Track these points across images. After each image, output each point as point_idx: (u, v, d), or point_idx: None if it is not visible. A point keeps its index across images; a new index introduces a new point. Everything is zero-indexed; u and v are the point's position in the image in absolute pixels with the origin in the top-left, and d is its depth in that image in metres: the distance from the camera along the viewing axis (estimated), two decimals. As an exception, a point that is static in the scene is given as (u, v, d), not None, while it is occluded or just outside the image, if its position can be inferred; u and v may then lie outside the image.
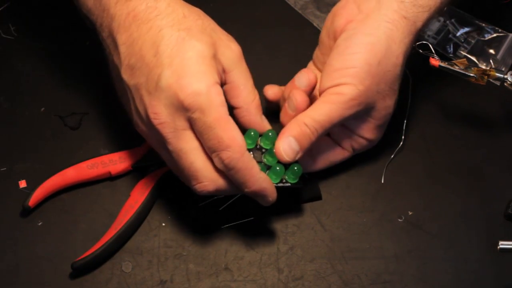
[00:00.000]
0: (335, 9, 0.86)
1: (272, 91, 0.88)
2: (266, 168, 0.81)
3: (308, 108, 0.81)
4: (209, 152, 0.76)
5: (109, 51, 0.80)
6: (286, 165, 0.81)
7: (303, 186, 0.83)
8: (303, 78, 0.84)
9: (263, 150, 0.82)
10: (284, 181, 0.82)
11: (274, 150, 0.80)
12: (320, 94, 0.82)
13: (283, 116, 0.84)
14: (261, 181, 0.78)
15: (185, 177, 0.78)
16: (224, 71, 0.80)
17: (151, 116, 0.76)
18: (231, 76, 0.80)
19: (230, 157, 0.76)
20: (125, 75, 0.78)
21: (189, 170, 0.77)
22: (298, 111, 0.81)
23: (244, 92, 0.81)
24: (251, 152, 0.82)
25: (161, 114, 0.75)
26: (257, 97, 0.82)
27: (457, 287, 0.82)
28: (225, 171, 0.77)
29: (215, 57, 0.78)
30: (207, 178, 0.77)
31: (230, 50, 0.80)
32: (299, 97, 0.82)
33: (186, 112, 0.75)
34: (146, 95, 0.76)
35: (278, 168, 0.80)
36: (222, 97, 0.76)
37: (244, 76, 0.81)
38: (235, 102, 0.81)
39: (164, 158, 0.80)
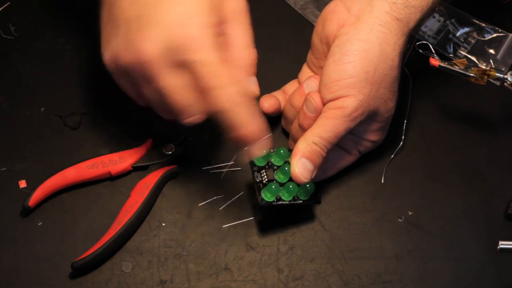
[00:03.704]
0: (324, 13, 0.85)
1: (268, 103, 0.88)
2: (280, 185, 0.81)
3: (314, 125, 0.81)
4: (215, 89, 0.75)
5: None
6: None
7: (314, 202, 0.83)
8: (312, 83, 0.84)
9: (275, 168, 0.83)
10: (296, 198, 0.82)
11: (291, 175, 0.80)
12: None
13: (303, 120, 0.83)
14: (259, 121, 0.77)
15: (172, 112, 0.78)
16: (224, 21, 0.78)
17: (142, 51, 0.75)
18: (228, 27, 0.79)
19: (238, 91, 0.76)
20: (126, 3, 0.77)
21: (177, 106, 0.77)
22: (318, 111, 0.81)
23: (237, 46, 0.79)
24: (263, 170, 0.82)
25: (152, 51, 0.75)
26: (252, 56, 0.80)
27: (457, 287, 0.82)
28: (229, 109, 0.76)
29: (218, 4, 0.77)
30: (195, 112, 0.77)
31: (234, 1, 0.79)
32: (317, 98, 0.82)
33: (182, 53, 0.75)
34: (136, 30, 0.75)
35: (291, 186, 0.81)
36: (216, 40, 0.76)
37: (241, 31, 0.79)
38: (225, 55, 0.78)
39: (145, 93, 0.78)
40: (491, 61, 0.94)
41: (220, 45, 0.77)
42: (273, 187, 0.80)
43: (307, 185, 0.82)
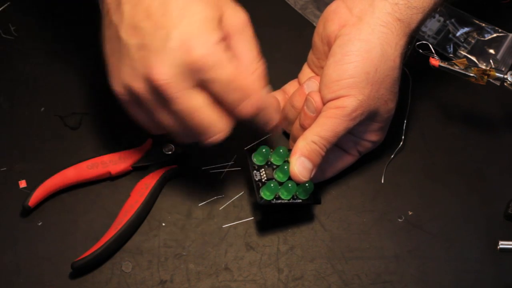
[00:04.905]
0: (325, 13, 0.85)
1: None
2: (279, 184, 0.81)
3: (313, 124, 0.81)
4: (235, 103, 0.77)
5: (107, 11, 0.79)
6: None
7: (314, 202, 0.83)
8: (313, 84, 0.84)
9: (274, 167, 0.83)
10: (295, 197, 0.82)
11: (290, 174, 0.81)
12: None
13: (304, 120, 0.83)
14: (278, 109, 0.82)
15: (195, 133, 0.78)
16: (228, 36, 0.79)
17: (156, 76, 0.75)
18: (233, 42, 0.79)
19: (259, 98, 0.78)
20: (126, 34, 0.77)
21: (201, 126, 0.77)
22: (318, 111, 0.82)
23: (244, 61, 0.79)
24: (262, 169, 0.82)
25: (166, 74, 0.75)
26: (260, 68, 0.81)
27: (457, 287, 0.82)
28: (253, 115, 0.78)
29: (220, 20, 0.78)
30: (220, 129, 0.78)
31: (236, 16, 0.79)
32: (317, 98, 0.82)
33: (197, 73, 0.75)
34: (150, 55, 0.75)
35: (290, 185, 0.81)
36: (230, 53, 0.77)
37: (247, 44, 0.80)
38: (238, 66, 0.79)
39: (161, 120, 0.79)
40: (491, 61, 0.94)
41: (230, 58, 0.78)
42: (272, 185, 0.80)
43: (306, 184, 0.82)
